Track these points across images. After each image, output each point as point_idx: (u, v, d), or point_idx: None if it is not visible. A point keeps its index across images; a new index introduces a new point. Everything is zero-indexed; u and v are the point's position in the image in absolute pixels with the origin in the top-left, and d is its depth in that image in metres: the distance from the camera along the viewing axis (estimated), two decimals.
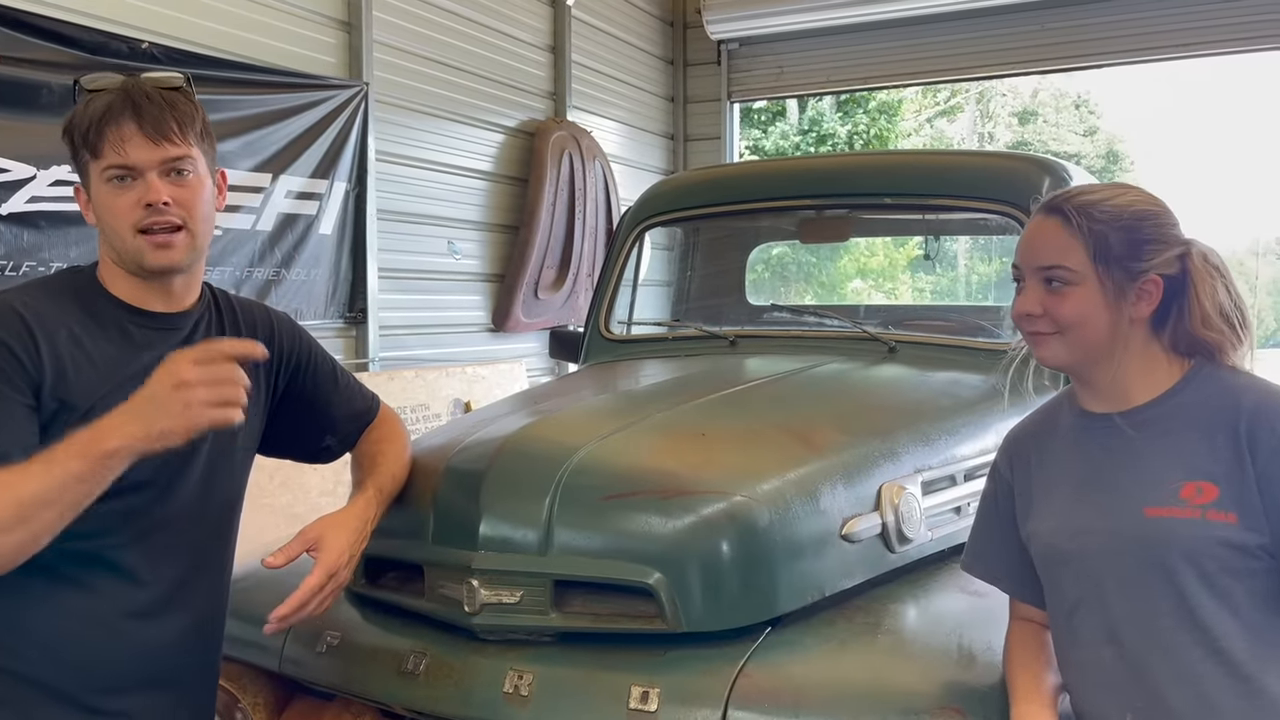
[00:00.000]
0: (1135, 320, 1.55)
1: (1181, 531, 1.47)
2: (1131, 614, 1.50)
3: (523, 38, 7.10)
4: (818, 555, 1.95)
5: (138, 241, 1.68)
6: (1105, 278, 1.53)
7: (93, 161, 1.69)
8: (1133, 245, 1.54)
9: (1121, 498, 1.53)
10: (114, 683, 1.70)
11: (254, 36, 5.04)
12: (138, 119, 1.66)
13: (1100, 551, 1.53)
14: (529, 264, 6.87)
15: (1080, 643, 1.57)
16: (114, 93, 1.69)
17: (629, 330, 3.55)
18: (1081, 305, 1.54)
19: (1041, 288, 1.57)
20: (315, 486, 4.66)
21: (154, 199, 1.67)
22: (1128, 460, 1.55)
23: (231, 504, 1.90)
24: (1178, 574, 1.46)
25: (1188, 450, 1.51)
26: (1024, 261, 1.60)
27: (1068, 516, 1.59)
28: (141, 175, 1.67)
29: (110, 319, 1.73)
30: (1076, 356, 1.57)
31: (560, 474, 1.89)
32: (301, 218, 5.27)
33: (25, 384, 1.59)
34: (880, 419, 2.34)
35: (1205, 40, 7.47)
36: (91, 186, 1.72)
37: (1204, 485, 1.47)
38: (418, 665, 1.90)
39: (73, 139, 1.71)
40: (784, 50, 8.74)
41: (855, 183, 3.35)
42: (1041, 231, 1.59)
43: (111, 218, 1.69)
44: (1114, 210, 1.55)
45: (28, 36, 3.95)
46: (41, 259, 4.02)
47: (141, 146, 1.66)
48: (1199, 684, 1.46)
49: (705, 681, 1.73)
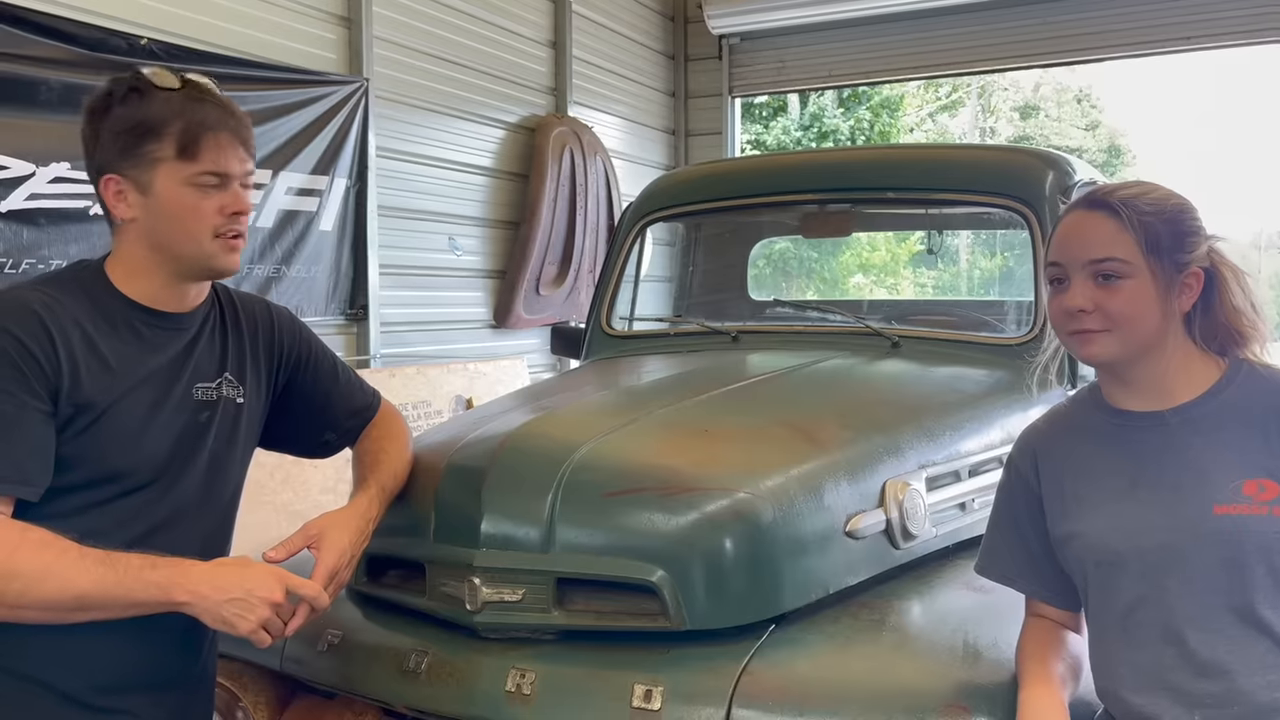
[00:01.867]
0: (1178, 314, 1.55)
1: (1254, 528, 1.46)
2: (1198, 612, 1.49)
3: (523, 33, 7.08)
4: (822, 552, 1.94)
5: (215, 244, 1.73)
6: (1157, 270, 1.52)
7: (178, 161, 1.68)
8: (1178, 237, 1.53)
9: (1184, 496, 1.51)
10: (117, 681, 1.70)
11: (253, 32, 5.02)
12: (234, 130, 1.74)
13: (1163, 551, 1.51)
14: (530, 260, 6.85)
15: (1138, 643, 1.54)
16: (207, 100, 1.72)
17: (631, 326, 3.53)
18: (1135, 298, 1.51)
19: (1090, 283, 1.53)
20: (316, 484, 4.65)
21: (245, 209, 1.76)
22: (1183, 458, 1.53)
23: (232, 498, 1.90)
24: (1249, 570, 1.46)
25: (1243, 447, 1.50)
26: (1069, 257, 1.56)
27: (1121, 517, 1.56)
28: (230, 183, 1.73)
29: (121, 318, 1.72)
30: (1128, 352, 1.54)
31: (562, 471, 1.88)
32: (302, 214, 5.25)
33: (44, 390, 1.60)
34: (884, 415, 2.33)
35: (1207, 33, 7.44)
36: (159, 183, 1.69)
37: (1266, 483, 1.47)
38: (419, 664, 1.89)
39: (140, 133, 1.68)
40: (785, 45, 8.71)
41: (858, 177, 3.34)
42: (1088, 225, 1.55)
43: (192, 220, 1.71)
44: (1157, 202, 1.54)
45: (26, 33, 3.93)
46: (41, 256, 4.01)
47: (235, 157, 1.74)
48: (1269, 675, 1.45)
49: (709, 680, 1.72)
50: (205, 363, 1.82)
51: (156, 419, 1.73)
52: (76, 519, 1.62)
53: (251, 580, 1.63)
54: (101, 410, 1.65)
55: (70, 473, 1.62)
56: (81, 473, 1.64)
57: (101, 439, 1.65)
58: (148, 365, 1.73)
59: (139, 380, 1.71)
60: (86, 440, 1.64)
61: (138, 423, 1.70)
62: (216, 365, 1.84)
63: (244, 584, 1.62)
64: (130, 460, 1.69)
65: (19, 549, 1.52)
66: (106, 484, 1.67)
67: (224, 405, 1.83)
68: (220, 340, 1.86)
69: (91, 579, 1.54)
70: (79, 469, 1.63)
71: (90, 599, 1.55)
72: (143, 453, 1.70)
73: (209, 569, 1.63)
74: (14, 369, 1.57)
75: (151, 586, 1.57)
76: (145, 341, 1.74)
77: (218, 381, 1.83)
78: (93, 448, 1.64)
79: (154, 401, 1.73)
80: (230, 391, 1.85)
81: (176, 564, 1.61)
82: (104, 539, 1.61)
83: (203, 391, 1.80)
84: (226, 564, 1.68)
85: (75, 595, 1.54)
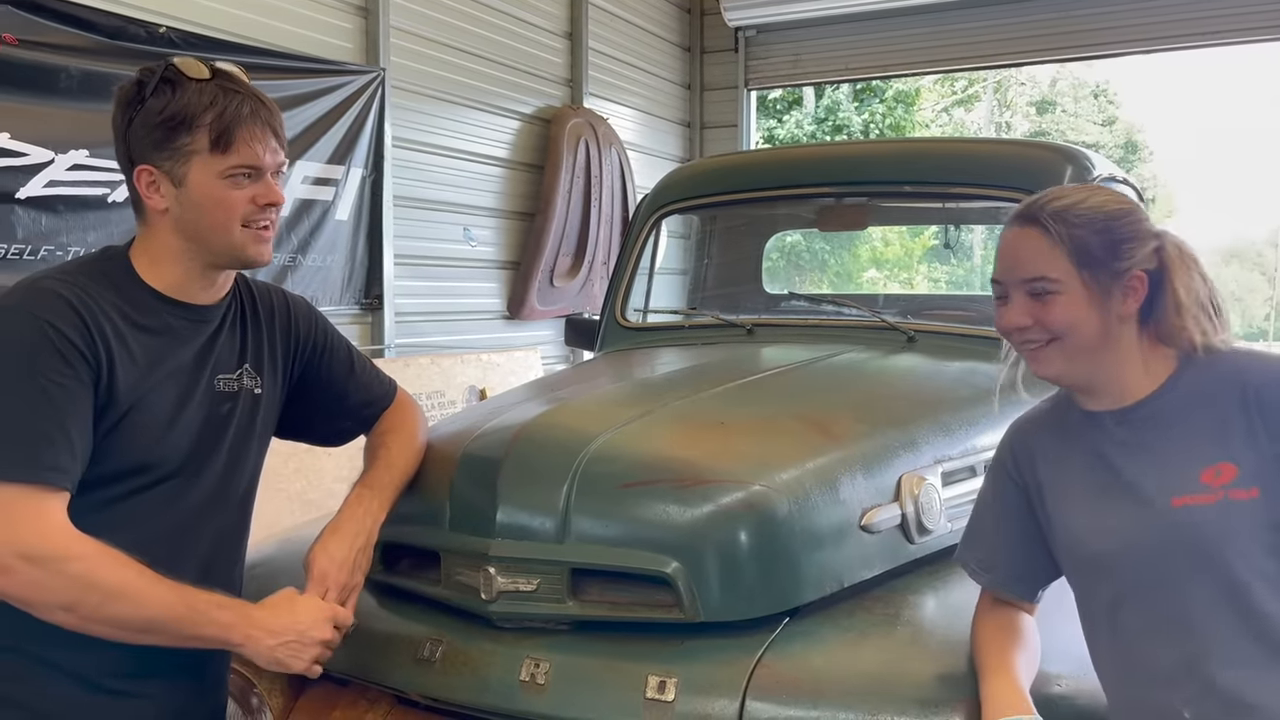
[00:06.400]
0: (1124, 317, 1.55)
1: (1208, 516, 1.46)
2: (1175, 607, 1.49)
3: (540, 24, 7.07)
4: (837, 546, 1.93)
5: (244, 234, 1.73)
6: (1090, 281, 1.53)
7: (212, 154, 1.68)
8: (1111, 245, 1.54)
9: (1146, 493, 1.52)
10: (135, 667, 1.70)
11: (271, 21, 5.03)
12: (266, 121, 1.73)
13: (1134, 549, 1.51)
14: (544, 251, 6.86)
15: (1126, 641, 1.55)
16: (239, 92, 1.71)
17: (645, 318, 3.53)
18: (1070, 311, 1.53)
19: (1027, 299, 1.56)
20: (330, 472, 4.66)
21: (277, 200, 1.76)
22: (1144, 455, 1.54)
23: (250, 487, 1.91)
24: (1213, 560, 1.45)
25: (1201, 435, 1.50)
26: (1005, 275, 1.59)
27: (1094, 517, 1.57)
28: (262, 175, 1.73)
29: (148, 309, 1.72)
30: (1074, 363, 1.56)
31: (578, 462, 1.88)
32: (318, 203, 5.27)
33: (89, 379, 1.61)
34: (900, 409, 2.32)
35: (1226, 29, 7.39)
36: (194, 175, 1.69)
37: (1222, 466, 1.47)
38: (434, 652, 1.89)
39: (174, 125, 1.67)
40: (801, 38, 8.69)
41: (875, 170, 3.32)
42: (1020, 243, 1.58)
43: (223, 211, 1.70)
44: (1089, 212, 1.55)
45: (46, 20, 3.94)
46: (59, 243, 4.03)
47: (271, 149, 1.74)
48: (1248, 668, 1.44)
49: (723, 671, 1.72)
50: (226, 354, 1.82)
51: (182, 413, 1.73)
52: (105, 512, 1.63)
53: (303, 622, 1.70)
54: (130, 404, 1.65)
55: (97, 465, 1.63)
56: (108, 466, 1.64)
57: (129, 433, 1.66)
58: (175, 359, 1.73)
59: (166, 374, 1.71)
60: (114, 434, 1.64)
61: (164, 416, 1.70)
62: (237, 356, 1.84)
63: (296, 626, 1.69)
64: (156, 454, 1.69)
65: (101, 563, 1.55)
66: (131, 477, 1.68)
67: (244, 396, 1.84)
68: (240, 331, 1.86)
69: (163, 605, 1.58)
70: (105, 462, 1.64)
71: (158, 624, 1.58)
72: (168, 446, 1.71)
73: (265, 615, 1.68)
74: (59, 357, 1.57)
75: (216, 625, 1.62)
76: (172, 334, 1.74)
77: (238, 373, 1.84)
78: (120, 441, 1.65)
79: (180, 395, 1.73)
80: (249, 382, 1.85)
81: (239, 606, 1.68)
82: (126, 532, 1.62)
83: (224, 383, 1.81)
84: (279, 606, 1.71)
85: (146, 619, 1.58)
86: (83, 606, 1.54)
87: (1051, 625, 1.73)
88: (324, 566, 1.80)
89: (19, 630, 1.61)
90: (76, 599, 1.54)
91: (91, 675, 1.67)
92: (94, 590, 1.54)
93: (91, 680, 1.67)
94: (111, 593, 1.55)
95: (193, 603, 1.61)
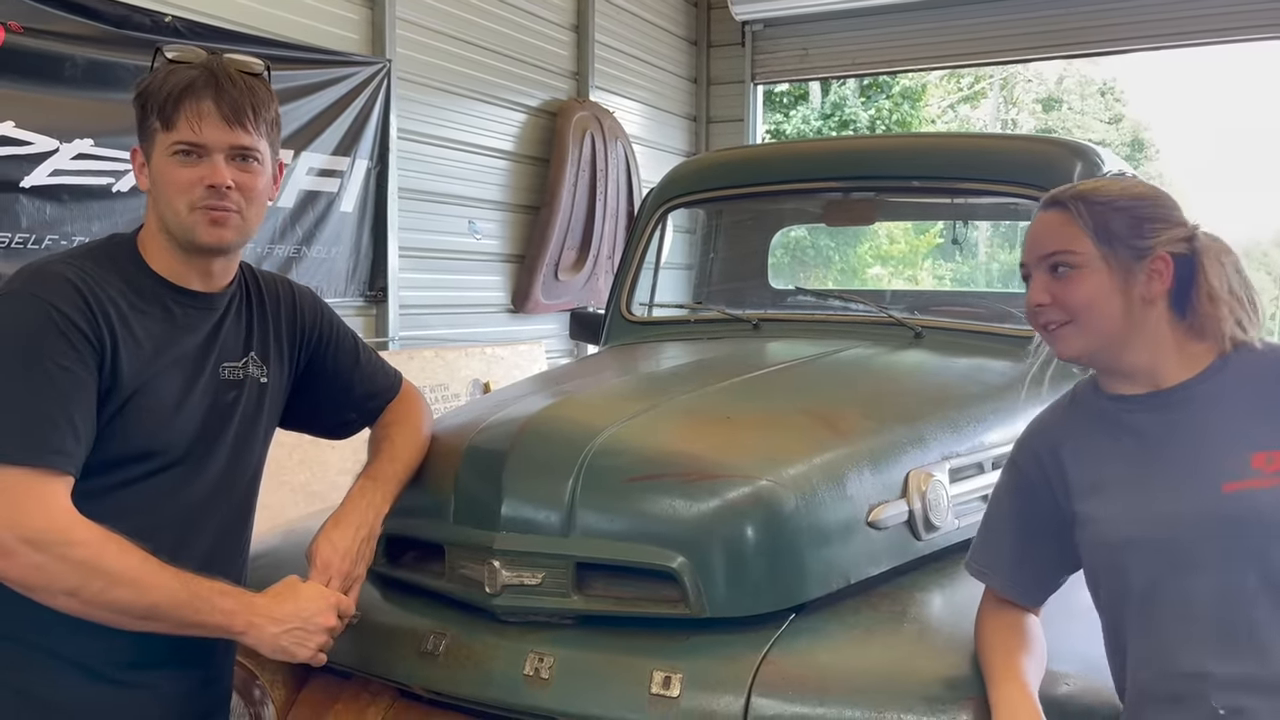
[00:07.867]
0: (1149, 300, 1.54)
1: (1265, 501, 1.44)
2: (1217, 593, 1.46)
3: (546, 16, 7.06)
4: (844, 542, 1.92)
5: (193, 217, 1.68)
6: (1111, 258, 1.53)
7: (163, 132, 1.67)
8: (1134, 223, 1.54)
9: (1193, 477, 1.50)
10: (139, 657, 1.70)
11: (277, 12, 5.02)
12: (217, 99, 1.66)
13: (1177, 534, 1.49)
14: (549, 245, 6.84)
15: (1156, 630, 1.52)
16: (198, 68, 1.68)
17: (651, 312, 3.51)
18: (1089, 288, 1.53)
19: (1048, 277, 1.57)
20: (334, 464, 4.66)
21: (218, 181, 1.66)
22: (1189, 437, 1.52)
23: (254, 477, 1.90)
24: (1266, 546, 1.44)
25: (1248, 422, 1.49)
26: (1028, 256, 1.61)
27: (1131, 503, 1.54)
28: (209, 155, 1.67)
29: (153, 295, 1.72)
30: (1094, 343, 1.55)
31: (583, 455, 1.87)
32: (323, 195, 5.26)
33: (94, 363, 1.60)
34: (907, 405, 2.31)
35: (1234, 25, 7.36)
36: (154, 155, 1.69)
37: (1274, 454, 1.46)
38: (437, 646, 1.88)
39: (144, 105, 1.69)
40: (808, 32, 8.67)
41: (883, 165, 3.30)
42: (1043, 224, 1.60)
43: (170, 190, 1.68)
44: (1111, 194, 1.57)
45: (52, 8, 3.94)
46: (64, 232, 4.02)
47: (216, 127, 1.66)
48: None
49: (728, 667, 1.71)
50: (232, 342, 1.82)
51: (187, 400, 1.72)
52: (109, 498, 1.63)
53: (307, 609, 1.69)
54: (134, 389, 1.64)
55: (101, 451, 1.62)
56: (111, 451, 1.63)
57: (133, 418, 1.65)
58: (180, 345, 1.72)
59: (171, 360, 1.71)
60: (119, 418, 1.63)
61: (169, 402, 1.70)
62: (242, 345, 1.84)
63: (300, 614, 1.68)
64: (160, 440, 1.69)
65: (104, 548, 1.54)
66: (135, 463, 1.67)
67: (249, 385, 1.83)
68: (246, 319, 1.86)
69: (166, 591, 1.57)
70: (109, 447, 1.63)
71: (160, 611, 1.57)
72: (173, 432, 1.70)
73: (269, 602, 1.67)
74: (64, 340, 1.57)
75: (219, 613, 1.61)
76: (177, 321, 1.73)
77: (243, 361, 1.83)
78: (124, 426, 1.64)
79: (184, 382, 1.72)
80: (255, 371, 1.85)
81: (241, 595, 1.66)
82: (130, 519, 1.61)
83: (229, 371, 1.80)
84: (282, 594, 1.70)
85: (148, 604, 1.56)
86: (85, 592, 1.53)
87: (1057, 625, 1.71)
88: (327, 556, 1.80)
89: (20, 618, 1.61)
90: (79, 584, 1.53)
91: (94, 665, 1.67)
92: (97, 575, 1.53)
93: (94, 669, 1.67)
94: (114, 578, 1.54)
95: (196, 590, 1.60)
